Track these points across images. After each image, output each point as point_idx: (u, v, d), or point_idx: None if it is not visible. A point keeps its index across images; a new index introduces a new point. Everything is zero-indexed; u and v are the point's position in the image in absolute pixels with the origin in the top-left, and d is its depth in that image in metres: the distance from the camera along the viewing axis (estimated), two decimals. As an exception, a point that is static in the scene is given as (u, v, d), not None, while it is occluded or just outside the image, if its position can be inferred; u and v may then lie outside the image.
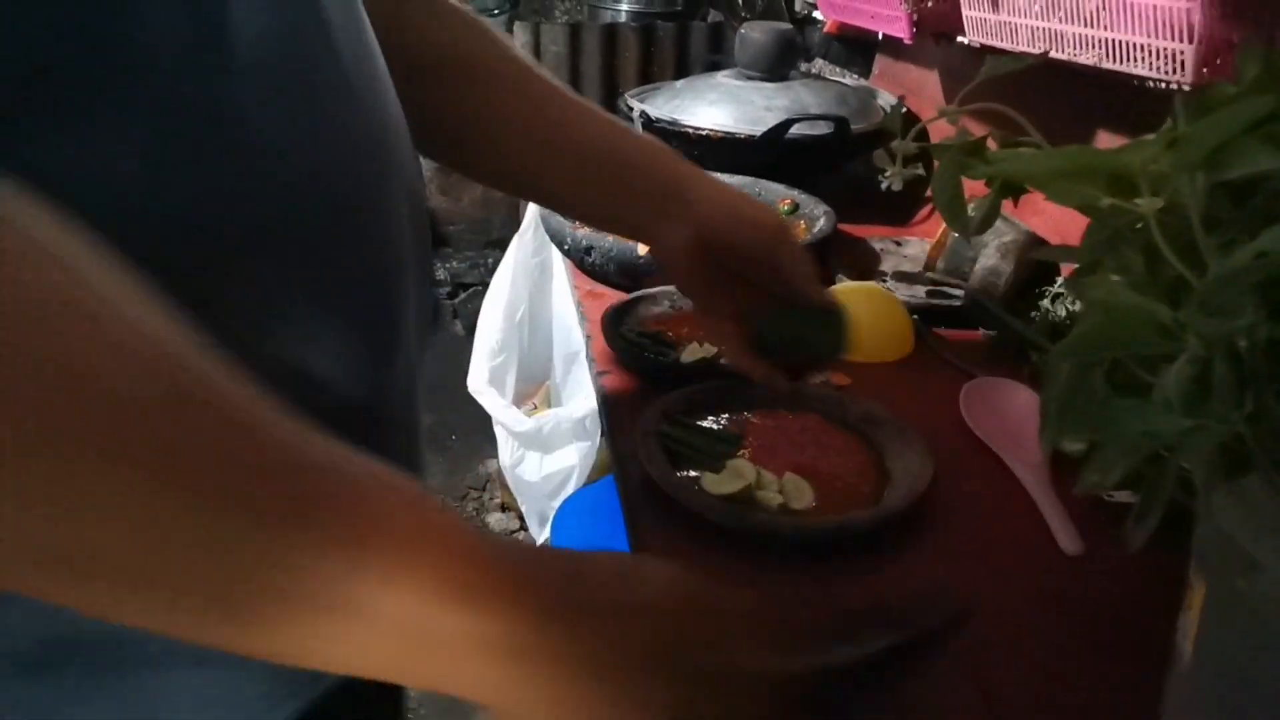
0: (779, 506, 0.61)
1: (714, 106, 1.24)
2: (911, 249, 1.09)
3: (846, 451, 0.68)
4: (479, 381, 1.62)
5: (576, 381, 1.41)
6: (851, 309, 0.67)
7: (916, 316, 0.91)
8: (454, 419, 2.23)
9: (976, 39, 1.07)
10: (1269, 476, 0.31)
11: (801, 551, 0.59)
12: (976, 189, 0.47)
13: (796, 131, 1.17)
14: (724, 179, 0.83)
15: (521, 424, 1.50)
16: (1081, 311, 0.77)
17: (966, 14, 1.07)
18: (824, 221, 1.03)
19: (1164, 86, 0.80)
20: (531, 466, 1.53)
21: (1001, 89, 0.43)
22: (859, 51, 1.70)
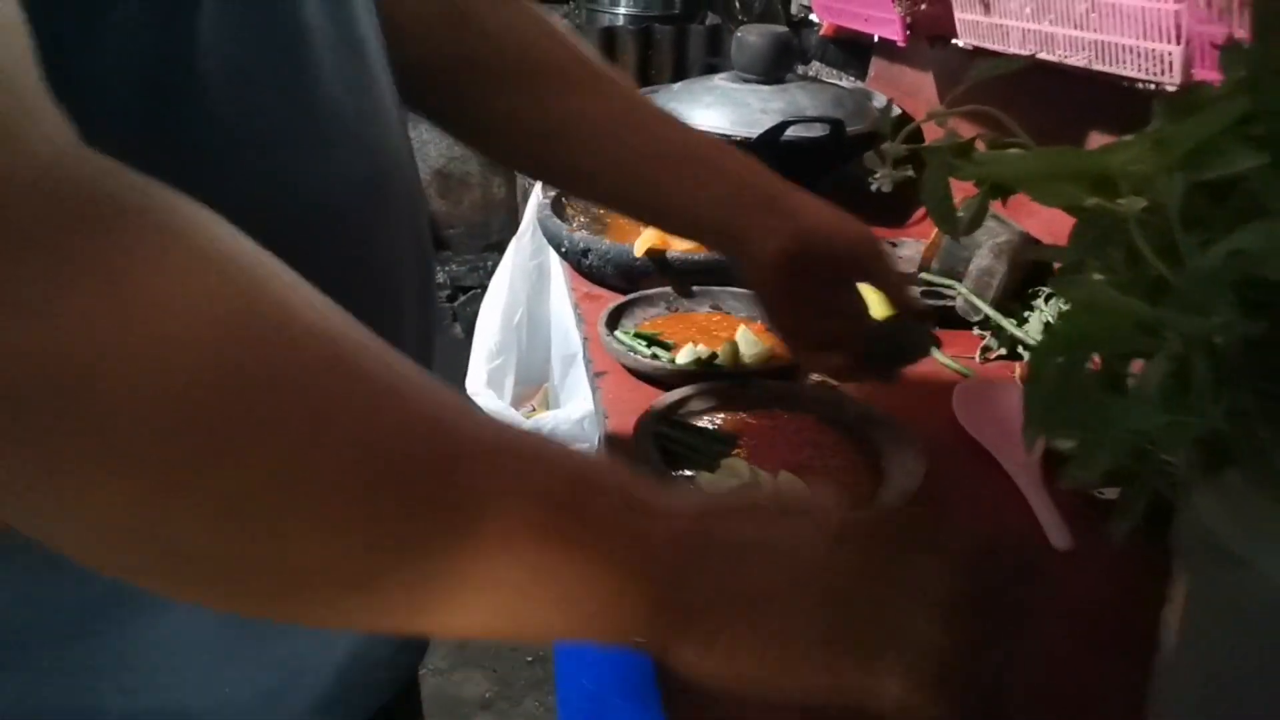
0: (774, 505, 0.61)
1: (711, 109, 1.25)
2: (906, 250, 1.10)
3: (841, 451, 0.69)
4: (478, 383, 1.63)
5: (574, 383, 1.42)
6: None
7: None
8: (453, 421, 2.23)
9: (969, 41, 1.08)
10: (1248, 471, 0.32)
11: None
12: (971, 190, 0.47)
13: (792, 134, 1.17)
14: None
15: (520, 425, 1.51)
16: (1065, 310, 0.78)
17: (959, 17, 1.07)
18: (819, 223, 1.04)
19: (1153, 87, 0.81)
20: (531, 468, 1.53)
21: (994, 91, 0.44)
22: (855, 54, 1.71)
